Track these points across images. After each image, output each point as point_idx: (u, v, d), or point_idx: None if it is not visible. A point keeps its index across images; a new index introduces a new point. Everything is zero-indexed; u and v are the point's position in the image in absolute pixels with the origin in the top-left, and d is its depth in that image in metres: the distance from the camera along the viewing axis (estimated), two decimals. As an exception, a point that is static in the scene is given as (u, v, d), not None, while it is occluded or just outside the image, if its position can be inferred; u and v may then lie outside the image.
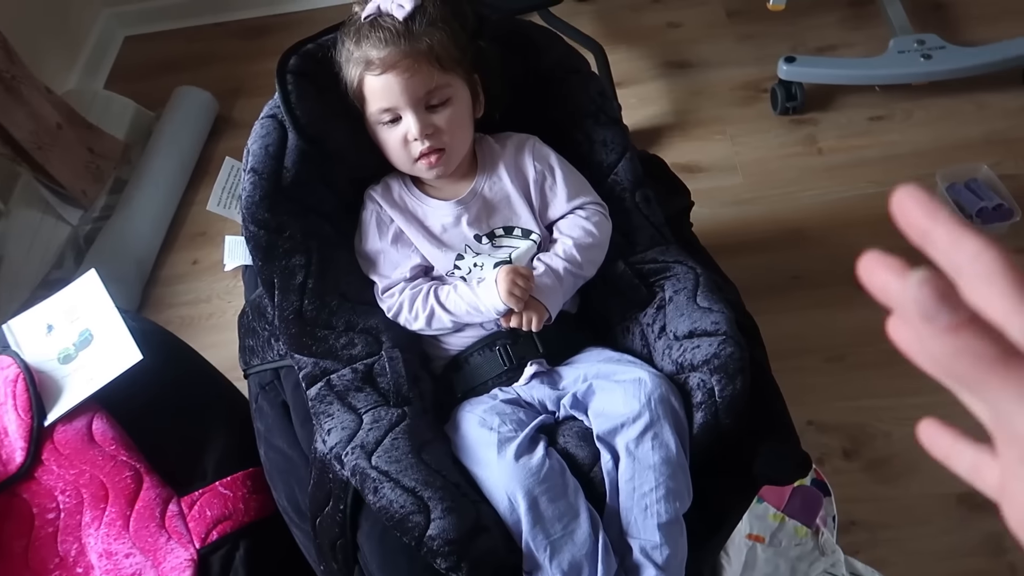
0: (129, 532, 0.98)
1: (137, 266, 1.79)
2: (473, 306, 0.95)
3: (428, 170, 0.98)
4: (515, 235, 1.01)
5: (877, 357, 1.44)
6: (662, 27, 2.17)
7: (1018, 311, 0.25)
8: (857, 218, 1.66)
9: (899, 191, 0.28)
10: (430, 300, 0.97)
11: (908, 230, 0.27)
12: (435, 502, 0.80)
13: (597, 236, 1.00)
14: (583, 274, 1.00)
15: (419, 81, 0.93)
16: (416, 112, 0.94)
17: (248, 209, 0.97)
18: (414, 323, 0.98)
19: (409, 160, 0.98)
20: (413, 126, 0.94)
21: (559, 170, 1.02)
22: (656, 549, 0.82)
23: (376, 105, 0.95)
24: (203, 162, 2.04)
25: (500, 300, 0.92)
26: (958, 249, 0.26)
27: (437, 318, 0.96)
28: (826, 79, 1.86)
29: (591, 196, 1.03)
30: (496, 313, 0.94)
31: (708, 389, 0.86)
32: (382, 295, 1.00)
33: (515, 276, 0.92)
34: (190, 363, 1.15)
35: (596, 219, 1.01)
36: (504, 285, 0.92)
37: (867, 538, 1.25)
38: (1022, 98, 1.80)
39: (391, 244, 1.01)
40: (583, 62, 1.11)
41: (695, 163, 1.83)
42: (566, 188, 1.01)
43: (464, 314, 0.95)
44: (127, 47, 2.46)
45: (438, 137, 0.96)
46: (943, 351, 0.25)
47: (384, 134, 0.98)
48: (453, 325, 0.97)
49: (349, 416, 0.90)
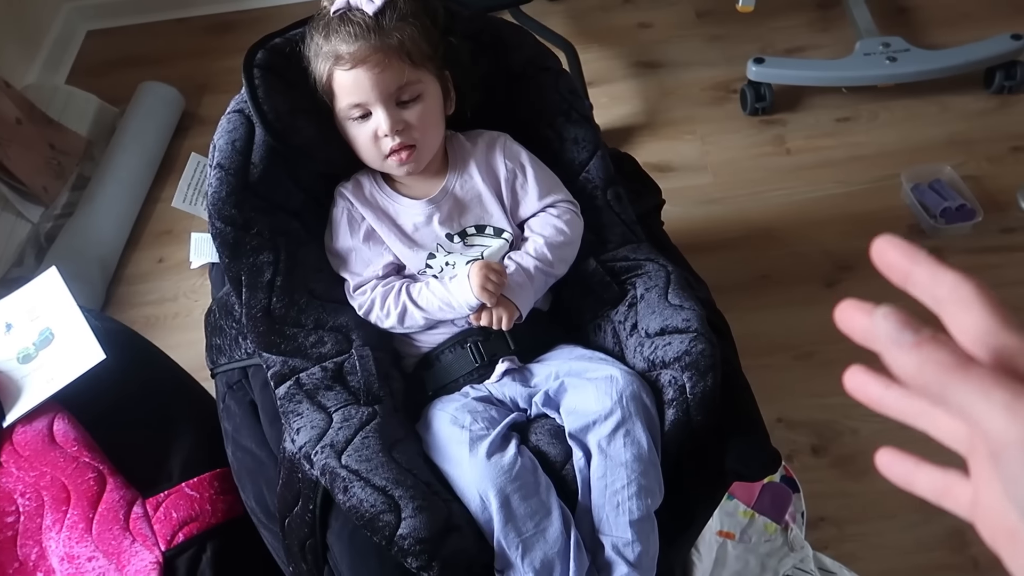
0: (92, 535, 0.95)
1: (100, 264, 1.76)
2: (445, 302, 0.94)
3: (399, 167, 0.97)
4: (487, 234, 1.00)
5: (844, 355, 1.44)
6: (633, 27, 2.18)
7: (995, 330, 0.29)
8: (824, 217, 1.68)
9: (878, 241, 0.32)
10: (402, 297, 0.96)
11: (890, 274, 0.32)
12: (406, 501, 0.80)
13: (568, 234, 1.00)
14: (554, 272, 0.99)
15: (389, 76, 0.92)
16: (386, 108, 0.93)
17: (214, 205, 0.96)
18: (386, 320, 0.97)
19: (379, 156, 0.97)
20: (383, 122, 0.93)
21: (530, 168, 1.02)
22: (628, 546, 0.82)
23: (346, 101, 0.94)
24: (169, 159, 2.01)
25: (472, 295, 0.92)
26: (938, 283, 0.30)
27: (409, 315, 0.96)
28: (794, 80, 1.89)
29: (563, 194, 1.03)
30: (469, 309, 0.93)
31: (679, 386, 0.87)
32: (353, 293, 0.99)
33: (488, 271, 0.92)
34: (155, 362, 1.13)
35: (567, 217, 1.01)
36: (477, 280, 0.91)
37: (835, 533, 1.27)
38: (983, 100, 1.84)
39: (363, 242, 1.00)
40: (554, 60, 1.11)
41: (666, 162, 1.84)
42: (537, 186, 1.01)
43: (436, 310, 0.95)
44: (89, 41, 2.41)
45: (408, 133, 0.95)
46: (911, 364, 0.29)
47: (354, 130, 0.97)
48: (425, 322, 0.96)
49: (318, 415, 0.89)
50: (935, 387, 0.28)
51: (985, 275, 1.37)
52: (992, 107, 1.83)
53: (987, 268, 1.54)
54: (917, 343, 0.29)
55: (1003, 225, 1.61)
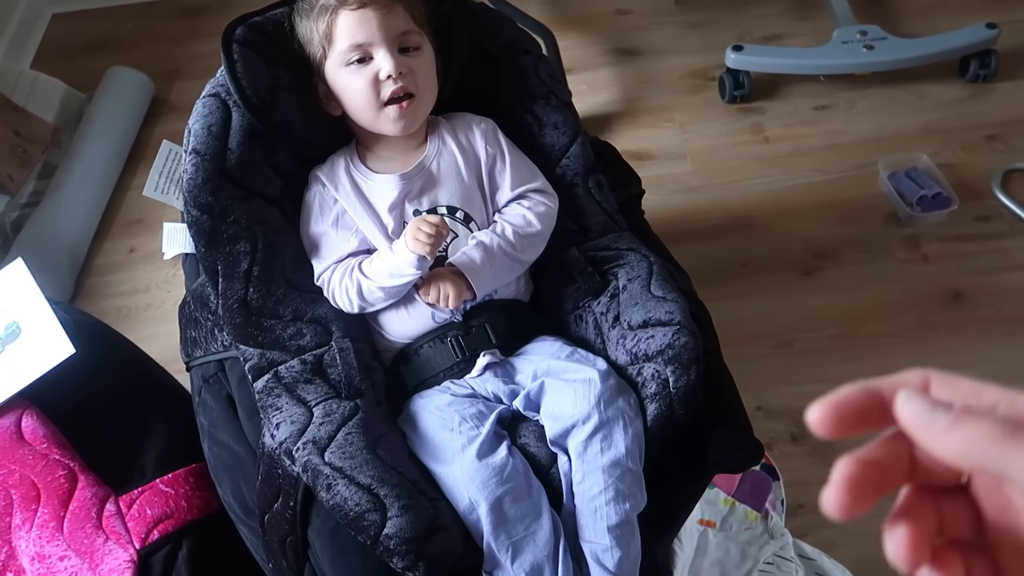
0: (64, 533, 0.93)
1: (69, 255, 1.71)
2: (391, 266, 0.91)
3: (397, 117, 0.94)
4: (457, 218, 0.97)
5: (822, 343, 1.48)
6: (611, 14, 2.17)
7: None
8: (802, 205, 1.69)
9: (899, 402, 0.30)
10: (355, 273, 0.94)
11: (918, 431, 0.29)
12: (391, 500, 0.78)
13: (537, 226, 0.97)
14: (518, 257, 0.97)
15: (395, 20, 0.93)
16: (390, 50, 0.92)
17: (190, 193, 0.93)
18: (349, 302, 0.94)
19: (376, 105, 0.94)
20: (387, 62, 0.91)
21: (509, 156, 1.00)
22: (607, 552, 0.80)
23: (347, 42, 0.92)
24: (139, 146, 1.97)
25: (408, 250, 0.89)
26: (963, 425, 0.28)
27: (366, 289, 0.93)
28: (772, 68, 1.89)
29: (539, 184, 1.01)
30: (411, 267, 0.89)
31: (663, 380, 0.86)
32: (317, 280, 0.97)
33: (420, 222, 0.89)
34: (127, 356, 1.10)
35: (540, 209, 0.98)
36: (409, 232, 0.89)
37: (814, 520, 1.28)
38: (958, 89, 1.86)
39: (331, 226, 0.97)
40: (534, 44, 1.10)
41: (645, 150, 1.83)
42: (513, 174, 0.99)
43: (387, 277, 0.92)
44: (55, 25, 2.35)
45: (411, 79, 0.93)
46: (957, 444, 0.27)
47: (349, 77, 0.94)
48: (384, 294, 0.93)
49: (299, 409, 0.87)
50: (992, 462, 0.27)
51: (961, 263, 1.39)
52: (967, 96, 1.84)
53: (963, 256, 1.56)
54: (954, 421, 0.27)
55: (978, 213, 1.63)
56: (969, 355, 1.42)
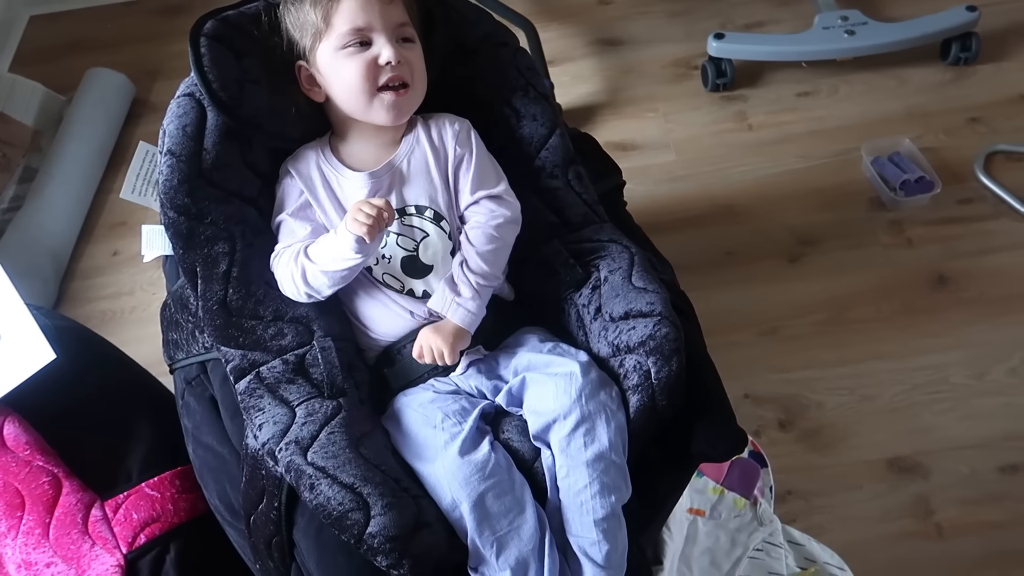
0: (49, 540, 0.93)
1: (52, 259, 1.70)
2: (333, 249, 0.89)
3: (391, 106, 0.94)
4: (426, 216, 0.96)
5: (807, 329, 1.48)
6: (593, 4, 2.16)
7: None
8: (787, 192, 1.69)
9: None
10: (300, 257, 0.92)
11: None
12: (375, 498, 0.78)
13: (500, 240, 0.96)
14: (495, 276, 0.95)
15: (396, 10, 0.94)
16: (390, 38, 0.93)
17: (166, 194, 0.92)
18: (295, 287, 0.92)
19: (370, 91, 0.93)
20: (387, 49, 0.92)
21: (476, 158, 0.98)
22: (594, 546, 0.81)
23: (348, 25, 0.92)
24: (121, 148, 1.95)
25: (348, 231, 0.87)
26: None
27: (311, 274, 0.91)
28: (755, 55, 1.89)
29: (499, 190, 0.98)
30: (351, 250, 0.87)
31: (644, 371, 0.86)
32: (272, 265, 0.95)
33: (361, 204, 0.87)
34: (110, 360, 1.10)
35: (499, 222, 0.96)
36: (349, 214, 0.87)
37: (803, 506, 1.28)
38: (940, 73, 1.86)
39: (291, 214, 0.96)
40: (512, 36, 1.09)
41: (629, 141, 1.83)
42: (476, 177, 0.98)
43: (330, 261, 0.90)
44: (33, 27, 2.32)
45: (408, 69, 0.94)
46: None
47: (346, 60, 0.93)
48: (328, 279, 0.91)
49: (281, 410, 0.87)
50: None
51: (945, 246, 1.39)
52: (948, 79, 1.85)
53: (947, 239, 1.56)
54: None
55: (961, 196, 1.63)
56: (954, 338, 1.43)
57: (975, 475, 1.28)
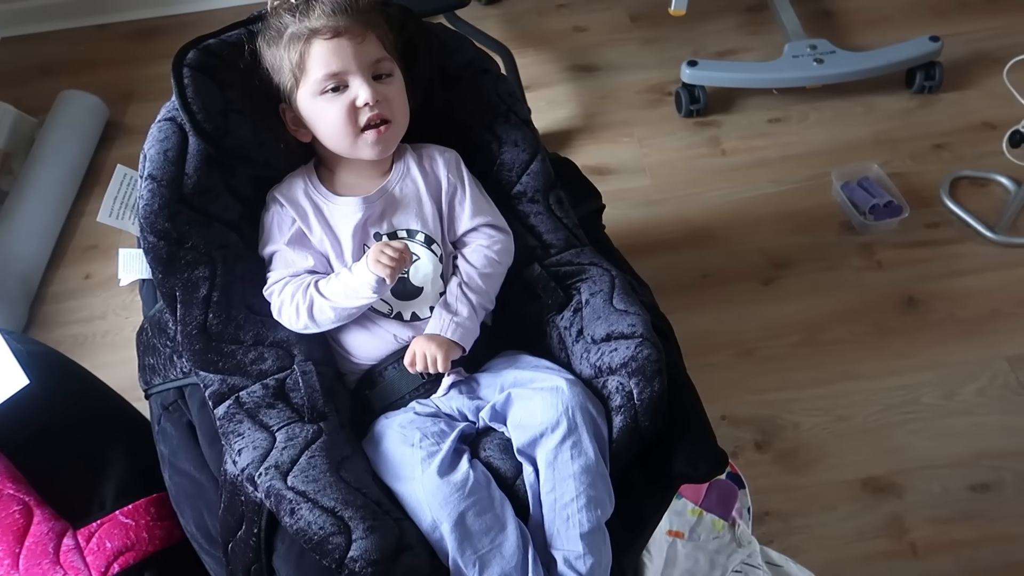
0: (20, 571, 0.90)
1: (22, 283, 1.68)
2: (348, 286, 0.91)
3: (375, 142, 0.95)
4: (417, 240, 0.98)
5: (782, 351, 1.50)
6: (568, 31, 2.19)
7: None
8: (760, 216, 1.72)
9: None
10: (310, 290, 0.93)
11: None
12: (356, 522, 0.78)
13: (499, 265, 0.99)
14: (490, 296, 0.99)
15: (368, 48, 0.94)
16: (366, 78, 0.93)
17: (146, 219, 0.92)
18: (296, 318, 0.93)
19: (353, 133, 0.94)
20: (363, 90, 0.92)
21: (469, 188, 1.01)
22: (579, 559, 0.81)
23: (322, 71, 0.92)
24: (93, 170, 1.94)
25: (368, 271, 0.89)
26: None
27: (318, 308, 0.92)
28: (727, 82, 1.93)
29: (496, 220, 1.02)
30: (370, 288, 0.89)
31: (627, 392, 0.87)
32: (267, 290, 0.96)
33: (383, 246, 0.89)
34: (83, 385, 1.08)
35: (498, 247, 1.00)
36: (372, 255, 0.89)
37: (780, 527, 1.29)
38: (905, 100, 1.91)
39: (288, 244, 0.97)
40: (492, 63, 1.11)
41: (604, 165, 1.85)
42: (473, 205, 1.00)
43: (343, 297, 0.91)
44: (5, 49, 2.31)
45: (387, 106, 0.94)
46: None
47: (325, 105, 0.93)
48: (335, 315, 0.92)
49: (261, 434, 0.86)
50: None
51: (914, 269, 1.42)
52: (914, 106, 1.90)
53: (916, 262, 1.60)
54: None
55: (928, 220, 1.67)
56: (924, 359, 1.46)
57: (947, 494, 1.30)
